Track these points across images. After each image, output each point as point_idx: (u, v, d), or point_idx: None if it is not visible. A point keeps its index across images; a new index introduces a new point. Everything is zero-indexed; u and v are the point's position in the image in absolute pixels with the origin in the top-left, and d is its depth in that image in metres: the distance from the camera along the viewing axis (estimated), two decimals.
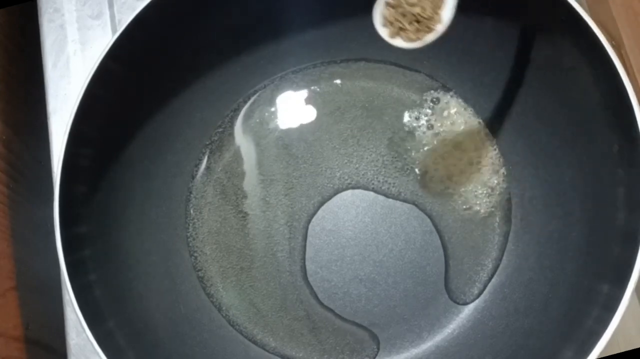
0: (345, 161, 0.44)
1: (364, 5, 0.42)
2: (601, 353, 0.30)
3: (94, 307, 0.34)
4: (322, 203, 0.43)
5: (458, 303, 0.42)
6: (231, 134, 0.45)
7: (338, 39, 0.44)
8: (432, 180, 0.43)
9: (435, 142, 0.44)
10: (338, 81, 0.45)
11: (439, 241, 0.42)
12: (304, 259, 0.43)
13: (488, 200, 0.43)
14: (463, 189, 0.43)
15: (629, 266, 0.30)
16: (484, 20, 0.39)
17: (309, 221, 0.43)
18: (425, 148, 0.44)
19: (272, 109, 0.45)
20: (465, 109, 0.44)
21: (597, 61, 0.33)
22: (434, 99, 0.44)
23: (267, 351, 0.42)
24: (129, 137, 0.40)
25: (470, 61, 0.42)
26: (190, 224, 0.44)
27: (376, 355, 0.41)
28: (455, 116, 0.44)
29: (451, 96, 0.44)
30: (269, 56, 0.44)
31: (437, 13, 0.32)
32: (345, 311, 0.42)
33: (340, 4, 0.42)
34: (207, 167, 0.45)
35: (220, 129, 0.45)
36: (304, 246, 0.43)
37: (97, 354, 0.32)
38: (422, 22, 0.32)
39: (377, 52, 0.45)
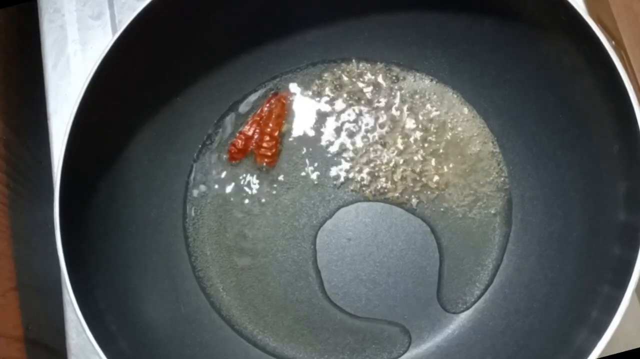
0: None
1: (364, 6, 0.42)
2: (601, 353, 0.30)
3: (94, 307, 0.34)
4: (322, 203, 0.43)
5: (458, 303, 0.42)
6: (231, 134, 0.45)
7: (338, 39, 0.44)
8: (432, 180, 0.43)
9: (434, 142, 0.44)
10: (338, 81, 0.45)
11: (439, 242, 0.42)
12: (303, 259, 0.43)
13: (488, 201, 0.43)
14: (463, 189, 0.43)
15: (629, 266, 0.30)
16: (484, 20, 0.39)
17: (308, 222, 0.43)
18: (425, 148, 0.44)
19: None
20: (465, 109, 0.44)
21: (597, 61, 0.33)
22: (434, 100, 0.44)
23: (267, 351, 0.42)
24: (129, 137, 0.40)
25: (470, 61, 0.42)
26: (190, 225, 0.44)
27: (377, 355, 0.41)
28: (455, 116, 0.44)
29: (451, 96, 0.44)
30: (269, 56, 0.44)
31: None
32: (346, 311, 0.42)
33: (340, 4, 0.42)
34: (207, 167, 0.45)
35: (220, 129, 0.45)
36: (304, 247, 0.43)
37: (97, 354, 0.32)
38: None
39: (377, 52, 0.45)
